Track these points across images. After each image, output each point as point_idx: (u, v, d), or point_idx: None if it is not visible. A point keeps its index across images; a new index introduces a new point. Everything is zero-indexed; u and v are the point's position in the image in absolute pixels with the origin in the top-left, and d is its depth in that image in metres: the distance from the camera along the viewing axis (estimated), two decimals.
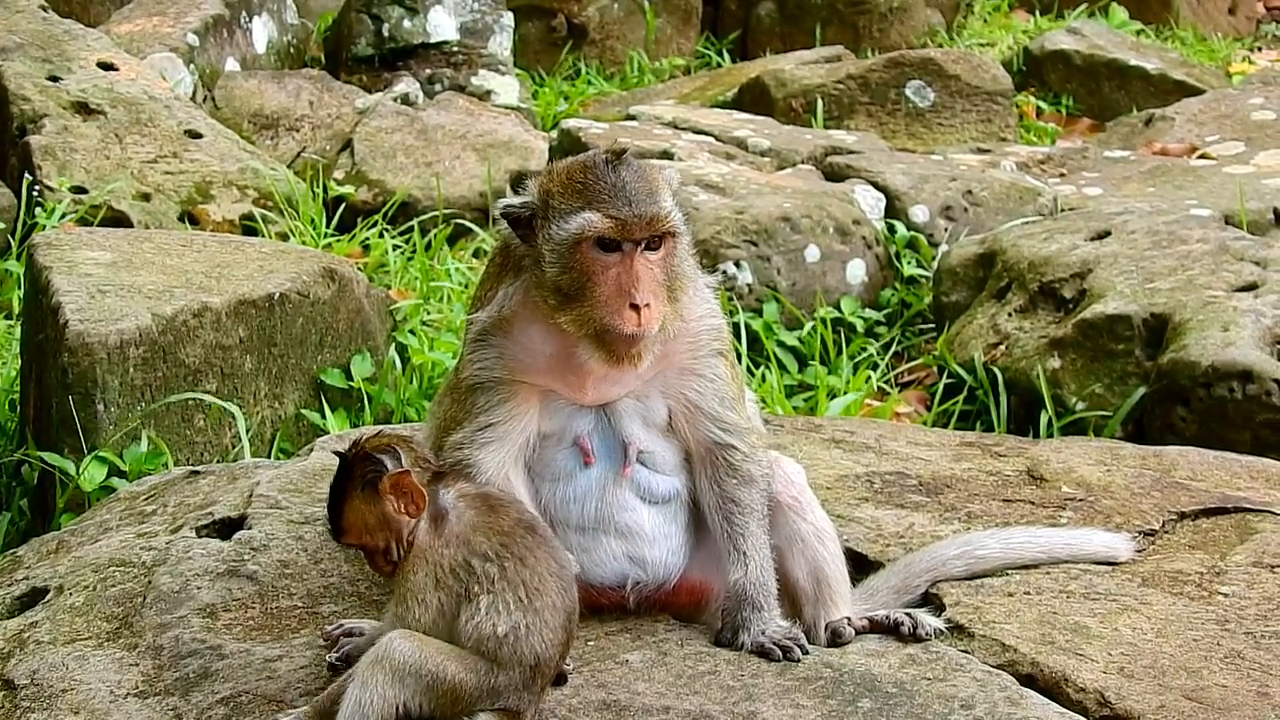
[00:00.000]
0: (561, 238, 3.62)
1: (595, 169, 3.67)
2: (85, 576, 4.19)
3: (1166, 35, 16.17)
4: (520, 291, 3.73)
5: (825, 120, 11.87)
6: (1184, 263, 7.31)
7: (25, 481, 6.25)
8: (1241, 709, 3.46)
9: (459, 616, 3.28)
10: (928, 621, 3.83)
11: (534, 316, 3.72)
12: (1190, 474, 4.94)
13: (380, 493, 3.34)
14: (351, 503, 3.37)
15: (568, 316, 3.63)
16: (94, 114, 9.58)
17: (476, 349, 3.76)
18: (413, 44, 12.96)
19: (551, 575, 3.33)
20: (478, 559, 3.30)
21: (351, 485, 3.37)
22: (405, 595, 3.33)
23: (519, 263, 3.75)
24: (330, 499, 3.41)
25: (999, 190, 9.26)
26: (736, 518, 3.80)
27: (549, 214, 3.64)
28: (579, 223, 3.60)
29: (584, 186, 3.64)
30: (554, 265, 3.63)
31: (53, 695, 3.61)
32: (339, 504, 3.39)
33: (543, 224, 3.66)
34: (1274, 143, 10.60)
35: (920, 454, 5.12)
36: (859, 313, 8.42)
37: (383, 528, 3.35)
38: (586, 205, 3.61)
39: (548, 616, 3.28)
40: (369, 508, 3.35)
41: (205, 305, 6.23)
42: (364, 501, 3.36)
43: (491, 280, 3.83)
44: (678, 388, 3.82)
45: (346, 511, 3.38)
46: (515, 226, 3.71)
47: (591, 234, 3.60)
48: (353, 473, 3.38)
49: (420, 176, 10.33)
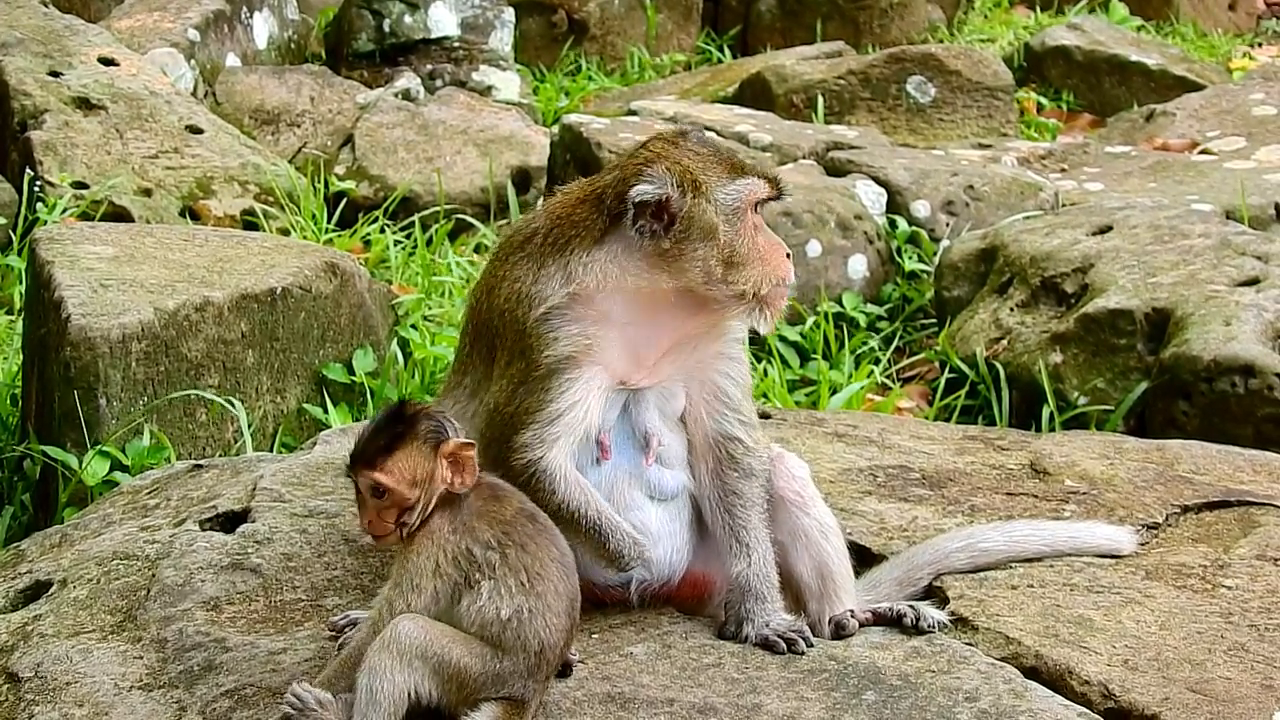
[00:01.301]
0: (732, 203, 3.69)
1: (711, 143, 3.79)
2: (89, 570, 4.19)
3: (1167, 31, 16.16)
4: (608, 261, 3.68)
5: (826, 116, 11.86)
6: (1186, 257, 7.31)
7: (28, 476, 6.25)
8: (1245, 701, 3.46)
9: (460, 603, 3.27)
10: (931, 614, 3.82)
11: (618, 288, 3.68)
12: (1193, 468, 4.94)
13: (438, 454, 3.32)
14: (408, 449, 3.32)
15: (740, 278, 3.68)
16: (95, 109, 9.57)
17: (554, 326, 3.66)
18: (414, 39, 12.97)
19: (553, 561, 3.32)
20: (480, 547, 3.30)
21: (414, 435, 3.33)
22: (402, 578, 3.32)
23: (595, 237, 3.69)
24: (380, 437, 3.35)
25: (1000, 185, 9.26)
26: (738, 510, 3.80)
27: (699, 189, 3.67)
28: (748, 186, 3.70)
29: (718, 157, 3.74)
30: (729, 231, 3.68)
31: (57, 688, 3.61)
32: (393, 445, 3.33)
33: (694, 200, 3.66)
34: (1275, 138, 10.60)
35: (923, 448, 5.12)
36: (861, 308, 8.43)
37: (423, 485, 3.32)
38: (739, 173, 3.72)
39: (550, 601, 3.27)
40: (423, 461, 3.32)
41: (207, 300, 6.23)
42: (420, 454, 3.32)
43: (547, 255, 3.72)
44: (709, 371, 3.81)
45: (399, 454, 3.32)
46: (639, 215, 3.65)
47: (760, 195, 3.72)
48: (416, 424, 3.34)
49: (421, 172, 10.33)
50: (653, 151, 3.74)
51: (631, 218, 3.65)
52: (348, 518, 4.28)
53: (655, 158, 3.71)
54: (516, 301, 3.71)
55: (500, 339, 3.75)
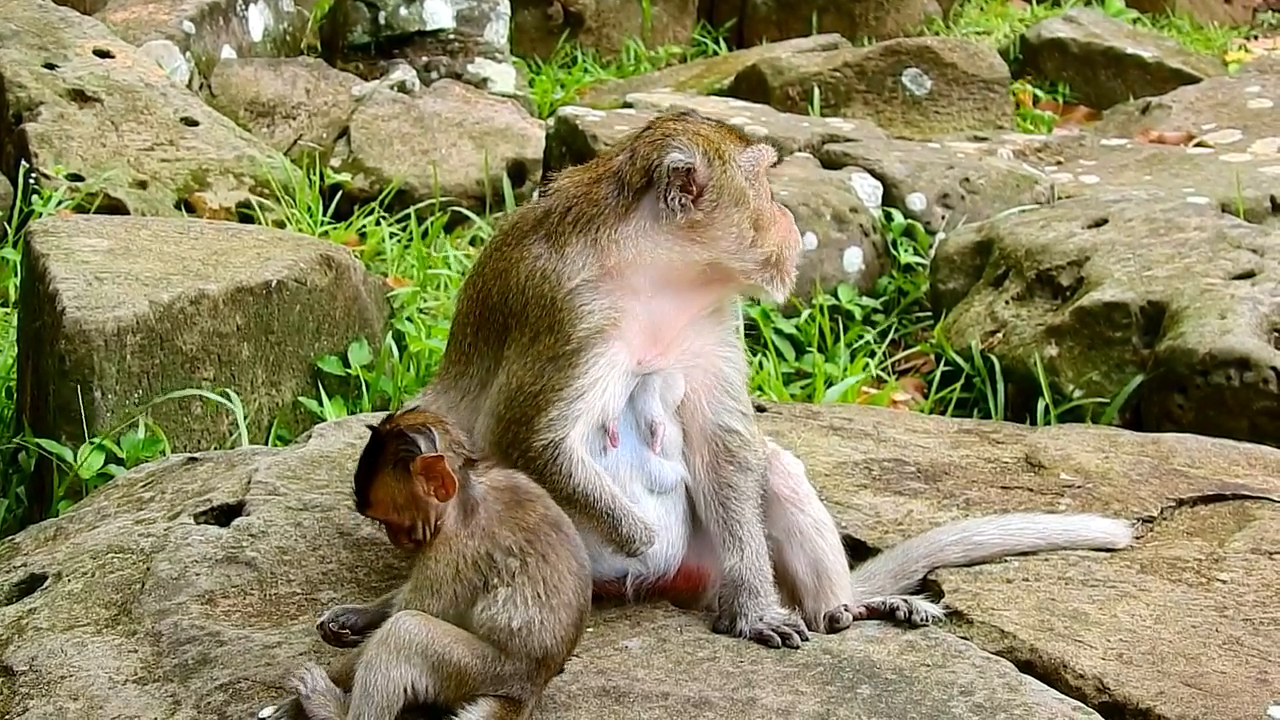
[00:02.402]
0: (755, 168, 3.76)
1: (704, 120, 3.83)
2: (83, 563, 4.19)
3: (1163, 23, 16.17)
4: (637, 234, 3.68)
5: (822, 108, 11.85)
6: (1181, 250, 7.31)
7: (22, 469, 6.25)
8: (1240, 695, 3.46)
9: (474, 605, 3.26)
10: (925, 608, 3.82)
11: (648, 263, 3.68)
12: (1188, 461, 4.94)
13: (411, 473, 3.30)
14: (381, 478, 3.33)
15: (766, 242, 3.75)
16: (90, 101, 9.55)
17: (587, 299, 3.64)
18: (409, 32, 12.95)
19: (571, 574, 3.30)
20: (500, 553, 3.27)
21: (383, 461, 3.33)
22: (422, 584, 3.31)
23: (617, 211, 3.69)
24: (359, 470, 3.37)
25: (996, 178, 9.26)
26: (732, 504, 3.79)
27: (724, 157, 3.73)
28: (761, 151, 3.80)
29: (725, 130, 3.80)
30: (755, 197, 3.74)
31: (51, 682, 3.60)
32: (368, 477, 3.35)
33: (720, 169, 3.71)
34: (1270, 131, 10.61)
35: (918, 441, 5.12)
36: (856, 300, 8.43)
37: (410, 507, 3.31)
38: (748, 142, 3.81)
39: (562, 614, 3.26)
40: (399, 485, 3.31)
41: (202, 292, 6.22)
42: (394, 479, 3.32)
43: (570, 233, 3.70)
44: (712, 358, 3.80)
45: (375, 486, 3.34)
46: (671, 185, 3.67)
47: (771, 160, 3.82)
48: (385, 448, 3.34)
49: (417, 164, 10.32)
50: (670, 126, 3.76)
51: (665, 188, 3.66)
52: (343, 511, 4.28)
53: (675, 131, 3.73)
54: (542, 278, 3.67)
55: (520, 319, 3.70)
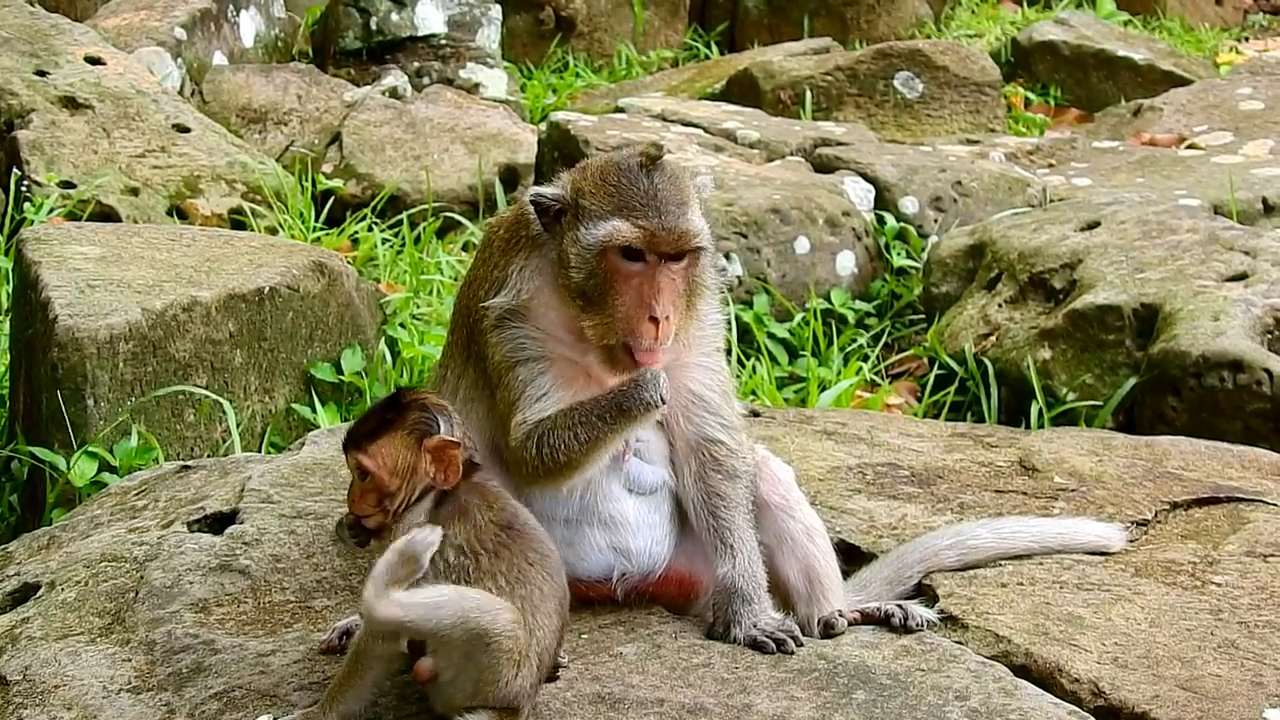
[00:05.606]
0: (588, 242, 3.58)
1: (629, 173, 3.61)
2: (77, 572, 4.18)
3: (1154, 26, 16.19)
4: (536, 272, 3.68)
5: (814, 112, 11.86)
6: (1174, 253, 7.31)
7: (15, 477, 6.23)
8: (1235, 698, 3.46)
9: None
10: (920, 613, 3.82)
11: (552, 301, 3.68)
12: (1182, 464, 4.95)
13: (422, 447, 3.32)
14: (391, 438, 3.33)
15: (589, 321, 3.59)
16: (81, 108, 9.54)
17: (502, 332, 3.69)
18: (400, 37, 12.95)
19: (531, 564, 3.28)
20: (452, 550, 3.27)
21: (401, 423, 3.33)
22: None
23: (534, 240, 3.69)
24: (371, 421, 3.37)
25: (988, 181, 9.26)
26: (722, 512, 3.79)
27: (579, 214, 3.61)
28: (607, 230, 3.56)
29: (616, 190, 3.59)
30: (579, 270, 3.59)
31: (45, 691, 3.59)
32: (379, 431, 3.34)
33: (571, 223, 3.62)
34: (1262, 132, 10.62)
35: (912, 445, 5.12)
36: (849, 304, 8.43)
37: (404, 475, 3.32)
38: (616, 211, 3.57)
39: (537, 602, 3.25)
40: (405, 452, 3.32)
41: (195, 299, 6.21)
42: (403, 444, 3.32)
43: (499, 256, 3.76)
44: (684, 379, 3.79)
45: (384, 442, 3.33)
46: (542, 216, 3.66)
47: (619, 242, 3.56)
48: (407, 414, 3.35)
49: (409, 170, 10.32)
50: (584, 166, 3.72)
51: (536, 218, 3.67)
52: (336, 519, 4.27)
53: (580, 172, 3.69)
54: (483, 306, 3.73)
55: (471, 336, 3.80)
